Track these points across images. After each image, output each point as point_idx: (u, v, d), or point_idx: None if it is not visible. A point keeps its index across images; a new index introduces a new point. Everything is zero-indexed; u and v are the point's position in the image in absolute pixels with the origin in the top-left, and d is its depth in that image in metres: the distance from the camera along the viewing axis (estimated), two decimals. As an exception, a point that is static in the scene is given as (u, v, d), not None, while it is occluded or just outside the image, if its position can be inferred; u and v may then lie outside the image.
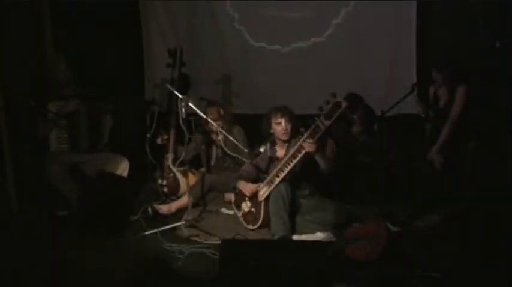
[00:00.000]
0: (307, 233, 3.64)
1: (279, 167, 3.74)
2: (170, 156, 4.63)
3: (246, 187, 3.94)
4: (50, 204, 4.05)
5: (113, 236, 1.98)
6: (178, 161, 4.50)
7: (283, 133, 3.89)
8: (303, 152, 3.58)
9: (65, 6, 4.97)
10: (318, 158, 3.68)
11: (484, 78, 4.44)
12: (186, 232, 3.79)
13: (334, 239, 3.53)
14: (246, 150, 4.34)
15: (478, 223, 3.48)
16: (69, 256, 1.85)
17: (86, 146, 4.24)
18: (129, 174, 4.24)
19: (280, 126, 3.89)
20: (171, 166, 4.61)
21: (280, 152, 3.99)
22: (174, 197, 4.51)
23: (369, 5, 4.98)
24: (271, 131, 3.97)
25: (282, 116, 3.89)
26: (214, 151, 4.73)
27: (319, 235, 3.63)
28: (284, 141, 3.95)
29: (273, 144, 4.04)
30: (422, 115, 4.35)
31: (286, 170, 3.69)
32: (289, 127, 3.89)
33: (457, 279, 2.92)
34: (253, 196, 3.90)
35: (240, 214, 4.03)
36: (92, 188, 2.14)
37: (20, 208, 3.64)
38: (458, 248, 3.23)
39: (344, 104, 3.36)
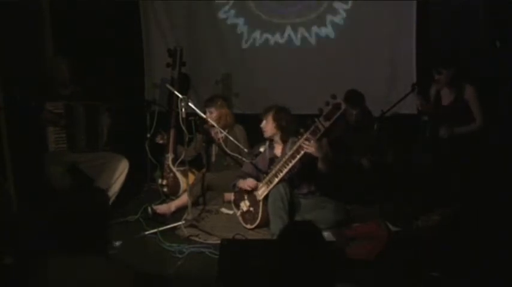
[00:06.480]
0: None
1: (277, 167, 3.75)
2: (170, 156, 4.64)
3: (246, 182, 3.94)
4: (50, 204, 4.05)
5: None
6: (178, 161, 4.50)
7: (263, 132, 3.99)
8: (302, 152, 3.59)
9: (65, 5, 4.97)
10: (319, 158, 3.68)
11: (483, 78, 4.43)
12: (186, 232, 3.79)
13: (334, 239, 3.53)
14: (246, 150, 4.36)
15: (478, 222, 3.47)
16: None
17: (85, 145, 4.23)
18: (129, 174, 4.23)
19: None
20: (171, 166, 4.61)
21: (277, 150, 4.02)
22: (173, 197, 4.51)
23: (369, 5, 4.98)
24: None
25: (262, 116, 3.99)
26: (215, 149, 4.73)
27: (319, 235, 3.63)
28: (281, 141, 3.98)
29: (271, 142, 4.06)
30: (420, 108, 4.35)
31: (285, 171, 3.70)
32: (268, 126, 3.96)
33: (457, 279, 2.92)
34: (253, 194, 3.91)
35: (238, 213, 4.04)
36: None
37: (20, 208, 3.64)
38: (458, 248, 3.23)
39: (343, 106, 3.39)
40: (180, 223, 3.89)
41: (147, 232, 3.78)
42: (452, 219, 3.58)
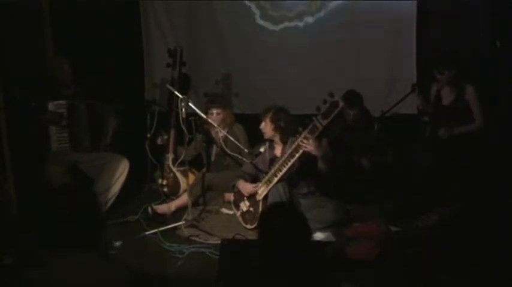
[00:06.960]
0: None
1: (276, 166, 3.75)
2: (170, 156, 4.64)
3: (245, 187, 3.94)
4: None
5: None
6: (178, 161, 4.50)
7: (263, 133, 4.00)
8: (301, 151, 3.59)
9: (65, 5, 4.97)
10: (319, 156, 3.68)
11: (483, 78, 4.43)
12: (186, 232, 3.79)
13: (334, 239, 3.53)
14: (246, 150, 4.35)
15: (478, 222, 3.47)
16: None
17: (87, 145, 4.23)
18: (129, 174, 4.23)
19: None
20: (171, 166, 4.61)
21: (277, 150, 4.03)
22: (173, 197, 4.51)
23: (369, 5, 4.97)
24: None
25: (261, 117, 4.00)
26: (215, 149, 4.73)
27: (319, 235, 3.64)
28: (281, 141, 3.99)
29: (271, 142, 4.06)
30: (420, 108, 4.36)
31: (284, 170, 3.70)
32: (267, 128, 3.97)
33: (457, 279, 2.92)
34: (252, 196, 3.91)
35: (238, 213, 4.04)
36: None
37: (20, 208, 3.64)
38: (458, 248, 3.23)
39: (341, 104, 3.38)
40: (180, 223, 3.89)
41: (147, 232, 3.78)
42: (452, 219, 3.58)
